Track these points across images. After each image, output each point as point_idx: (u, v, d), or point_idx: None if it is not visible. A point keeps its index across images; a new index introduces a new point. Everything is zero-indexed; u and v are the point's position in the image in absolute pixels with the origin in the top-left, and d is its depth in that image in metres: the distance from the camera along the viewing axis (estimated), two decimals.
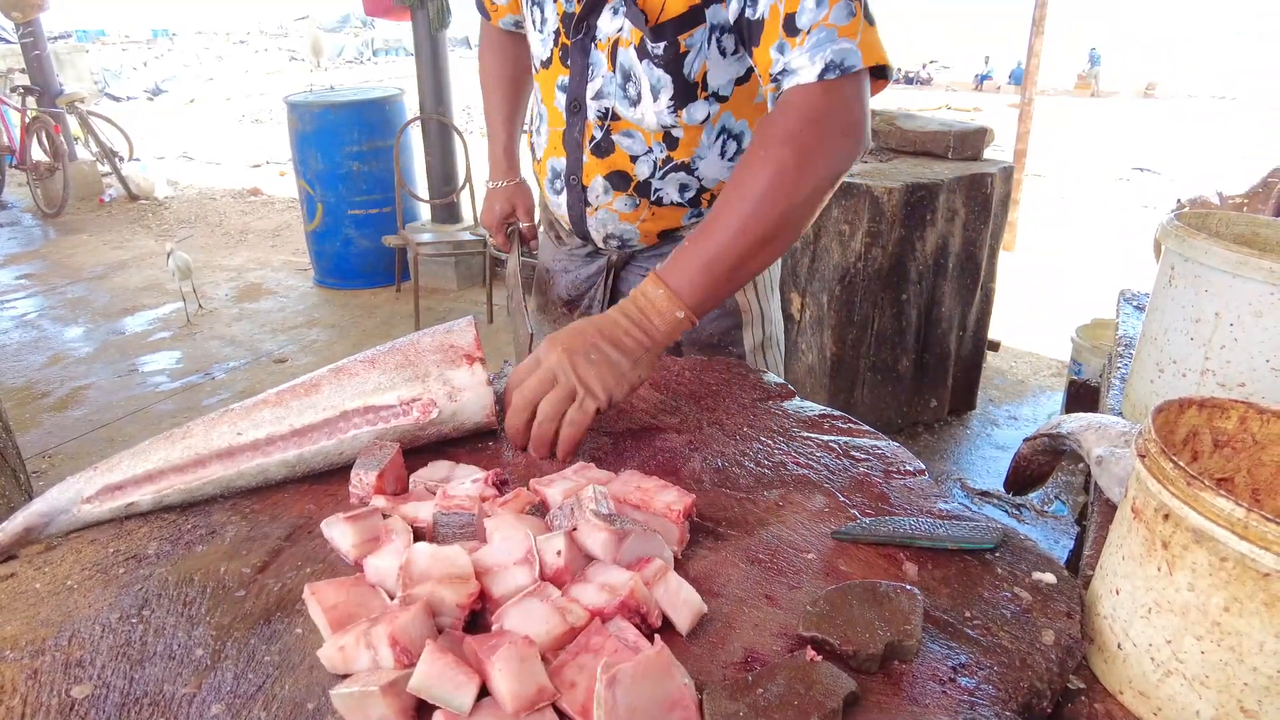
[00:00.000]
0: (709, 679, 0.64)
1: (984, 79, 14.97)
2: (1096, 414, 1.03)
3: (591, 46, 1.25)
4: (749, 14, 1.11)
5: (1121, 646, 0.68)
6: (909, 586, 0.71)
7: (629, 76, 1.23)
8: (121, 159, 7.50)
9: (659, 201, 1.33)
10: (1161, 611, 0.64)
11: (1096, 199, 7.32)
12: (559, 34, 1.28)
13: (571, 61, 1.28)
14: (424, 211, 5.18)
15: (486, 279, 4.64)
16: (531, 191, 1.66)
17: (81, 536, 0.85)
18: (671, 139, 1.27)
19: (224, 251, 5.93)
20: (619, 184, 1.33)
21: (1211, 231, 1.13)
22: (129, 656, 0.68)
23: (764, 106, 1.27)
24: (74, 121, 7.69)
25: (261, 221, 6.73)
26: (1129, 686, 0.67)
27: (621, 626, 0.66)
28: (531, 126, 1.48)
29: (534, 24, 1.33)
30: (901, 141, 3.42)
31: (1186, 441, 0.75)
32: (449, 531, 0.78)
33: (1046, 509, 2.95)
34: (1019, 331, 4.27)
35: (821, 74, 1.02)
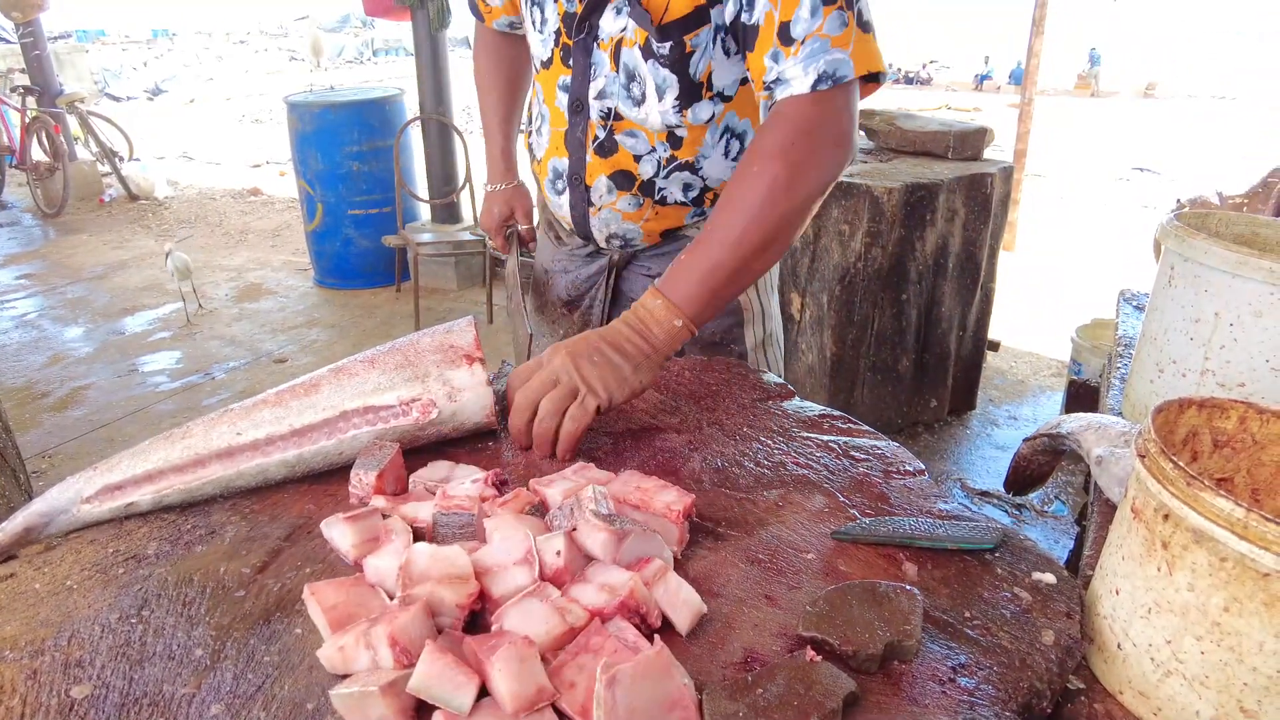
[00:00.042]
0: (709, 679, 0.64)
1: (984, 79, 14.97)
2: (1096, 414, 1.03)
3: (594, 46, 1.25)
4: (744, 18, 1.12)
5: (1121, 646, 0.68)
6: (909, 586, 0.71)
7: (633, 77, 1.23)
8: (121, 159, 7.49)
9: (663, 201, 1.34)
10: (1161, 611, 0.64)
11: (1096, 199, 7.32)
12: (560, 34, 1.28)
13: (573, 61, 1.27)
14: (424, 211, 5.19)
15: (486, 279, 4.64)
16: (530, 194, 1.66)
17: (81, 537, 0.85)
18: (675, 139, 1.27)
19: (224, 251, 5.93)
20: (623, 183, 1.33)
21: (1211, 231, 1.13)
22: (128, 657, 0.68)
23: None
24: (74, 121, 7.69)
25: (261, 221, 6.73)
26: (1129, 686, 0.67)
27: (621, 627, 0.66)
28: (531, 127, 1.47)
29: (534, 24, 1.32)
30: (901, 141, 3.42)
31: (1186, 442, 0.75)
32: (449, 531, 0.78)
33: (1046, 509, 2.95)
34: (1019, 331, 4.26)
35: (814, 85, 1.06)
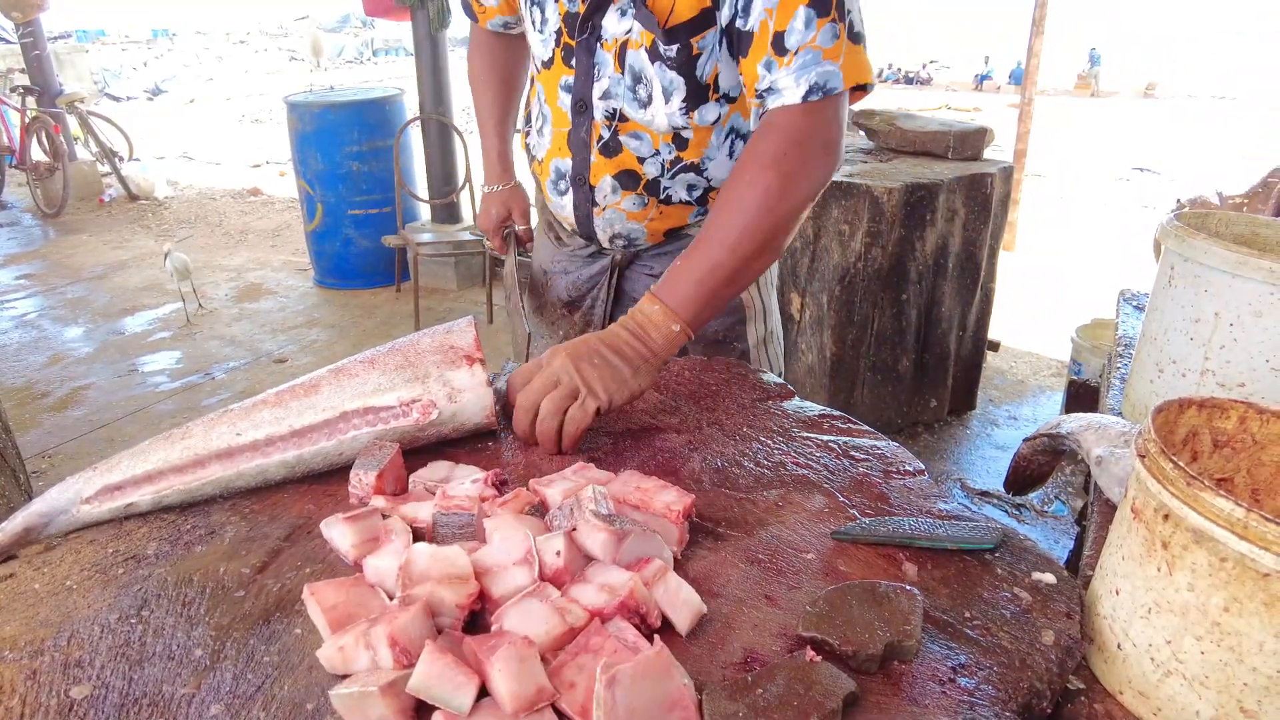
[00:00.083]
0: (708, 679, 0.64)
1: (984, 79, 14.98)
2: (1096, 414, 1.03)
3: (597, 46, 1.24)
4: (740, 24, 1.14)
5: (1121, 647, 0.68)
6: (909, 587, 0.71)
7: (639, 78, 1.23)
8: (121, 159, 7.49)
9: (667, 200, 1.34)
10: (1161, 612, 0.64)
11: (1096, 199, 7.32)
12: (561, 34, 1.27)
13: (576, 61, 1.27)
14: (424, 211, 5.18)
15: (486, 279, 4.64)
16: (527, 194, 1.65)
17: (81, 537, 0.85)
18: (681, 140, 1.28)
19: (224, 251, 5.93)
20: (628, 183, 1.33)
21: (1211, 231, 1.12)
22: (128, 657, 0.68)
23: None
24: (74, 121, 7.69)
25: (261, 221, 6.73)
26: (1129, 686, 0.67)
27: (621, 627, 0.66)
28: (530, 127, 1.47)
29: (533, 24, 1.32)
30: (901, 141, 3.42)
31: (1186, 442, 0.75)
32: (448, 532, 0.78)
33: (1046, 509, 2.95)
34: (1019, 331, 4.26)
35: (805, 96, 1.09)
